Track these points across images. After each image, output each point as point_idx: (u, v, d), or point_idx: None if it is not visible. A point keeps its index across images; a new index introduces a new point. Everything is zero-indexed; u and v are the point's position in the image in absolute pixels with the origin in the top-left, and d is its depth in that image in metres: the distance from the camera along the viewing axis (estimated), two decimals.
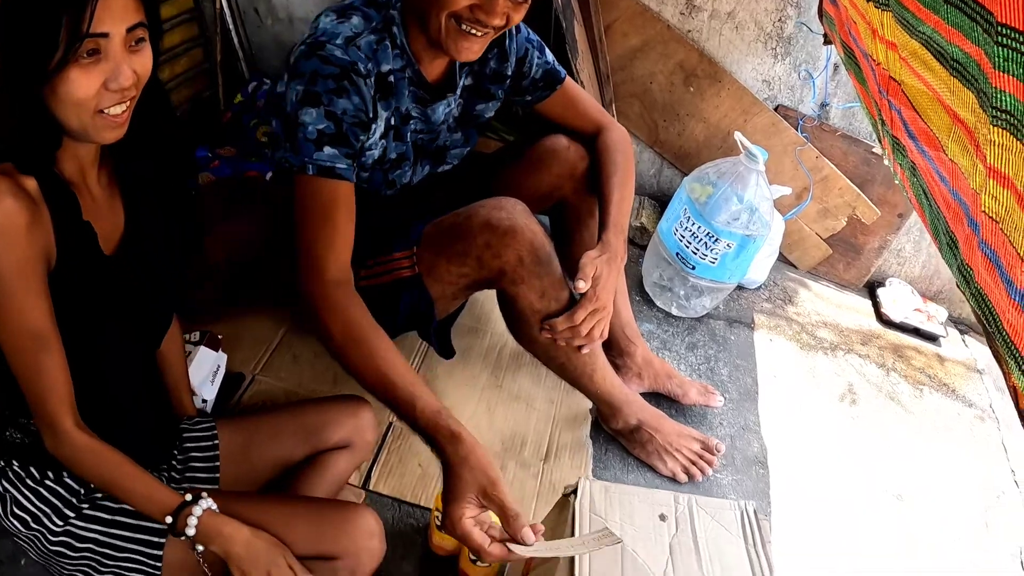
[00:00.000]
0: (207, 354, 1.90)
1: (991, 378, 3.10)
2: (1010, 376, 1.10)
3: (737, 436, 2.35)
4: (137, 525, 1.30)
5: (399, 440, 1.99)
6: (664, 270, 2.71)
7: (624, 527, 1.32)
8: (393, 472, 1.92)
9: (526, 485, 1.98)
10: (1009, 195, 0.81)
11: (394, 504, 1.87)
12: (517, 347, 2.24)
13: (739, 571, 1.31)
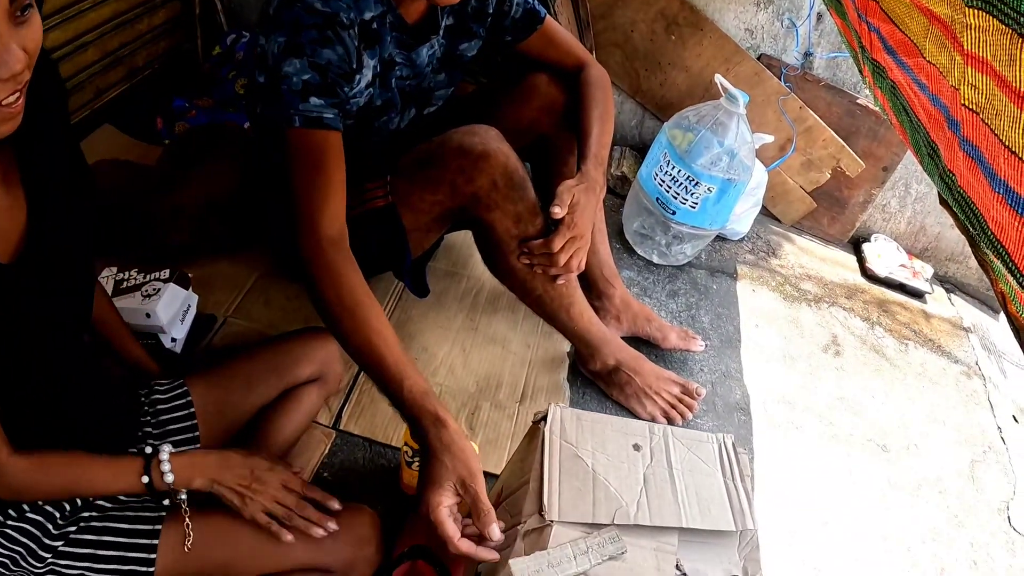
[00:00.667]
0: (176, 292, 1.85)
1: (977, 336, 3.09)
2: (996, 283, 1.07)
3: (718, 383, 2.31)
4: (126, 543, 1.24)
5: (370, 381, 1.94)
6: (645, 219, 2.66)
7: (596, 455, 1.27)
8: (364, 412, 1.89)
9: (500, 426, 1.94)
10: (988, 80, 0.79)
11: (365, 444, 1.84)
12: (494, 291, 2.22)
13: (716, 503, 1.27)
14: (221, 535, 1.28)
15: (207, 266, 2.12)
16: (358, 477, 1.77)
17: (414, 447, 1.54)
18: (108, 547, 1.22)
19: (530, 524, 1.19)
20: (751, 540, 1.28)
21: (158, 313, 1.76)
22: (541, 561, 1.11)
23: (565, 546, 1.14)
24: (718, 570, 1.24)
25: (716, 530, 1.24)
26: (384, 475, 1.79)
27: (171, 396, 1.48)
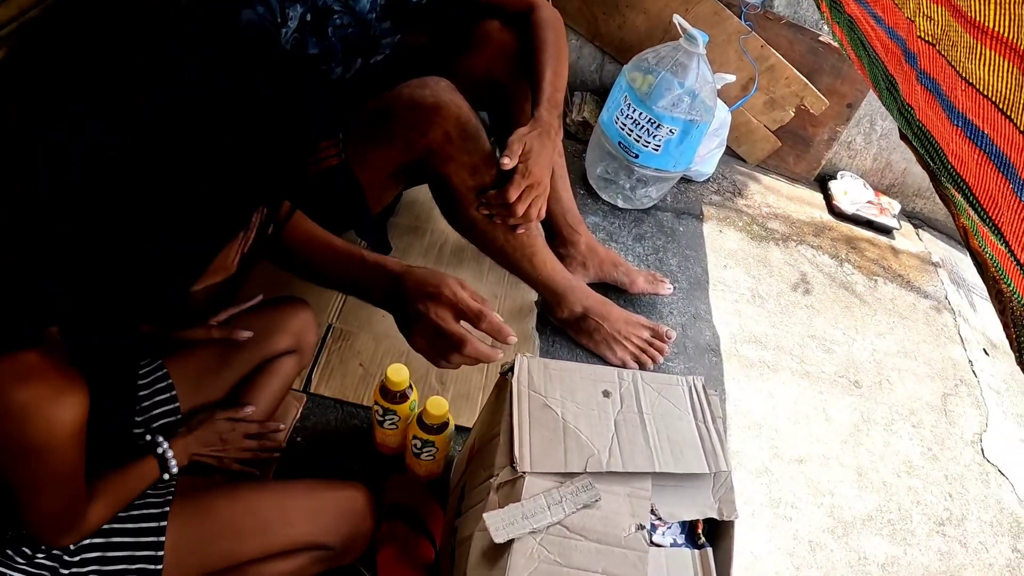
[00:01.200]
0: None
1: (946, 271, 3.11)
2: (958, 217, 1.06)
3: (688, 325, 2.31)
4: (133, 543, 1.22)
5: (339, 341, 1.93)
6: (608, 163, 2.64)
7: (565, 403, 1.27)
8: (334, 374, 1.87)
9: (471, 379, 1.93)
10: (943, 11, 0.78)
11: (336, 405, 1.82)
12: (458, 244, 2.20)
13: (689, 446, 1.27)
14: (221, 524, 1.27)
15: None
16: (332, 440, 1.75)
17: (384, 405, 1.53)
18: (117, 547, 1.20)
19: (502, 477, 1.18)
20: (725, 481, 1.28)
21: None
22: (515, 513, 1.10)
23: (539, 497, 1.13)
24: (693, 512, 1.24)
25: (689, 473, 1.24)
26: (358, 436, 1.78)
27: (152, 380, 1.44)
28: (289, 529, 1.29)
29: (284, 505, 1.32)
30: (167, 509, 1.24)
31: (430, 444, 1.52)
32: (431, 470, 1.64)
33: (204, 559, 1.26)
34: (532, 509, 1.11)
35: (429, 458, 1.57)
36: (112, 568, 1.19)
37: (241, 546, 1.27)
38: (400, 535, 1.59)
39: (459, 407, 1.83)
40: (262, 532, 1.28)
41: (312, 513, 1.32)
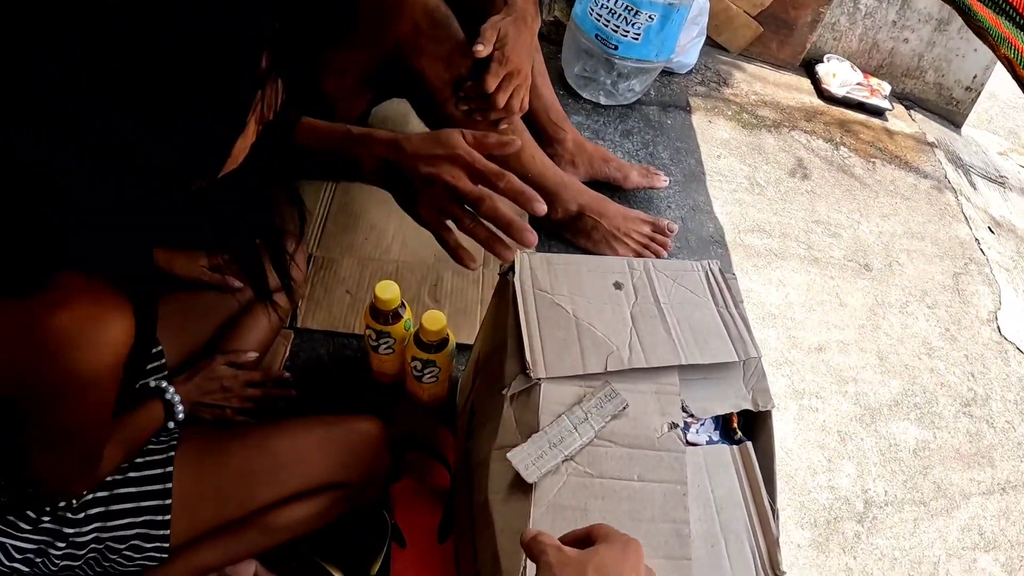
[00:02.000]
0: None
1: (942, 151, 3.05)
2: (999, 48, 0.96)
3: (688, 217, 2.20)
4: (143, 507, 1.14)
5: (323, 271, 1.81)
6: (585, 61, 2.49)
7: (575, 300, 1.15)
8: (320, 305, 1.75)
9: (467, 293, 1.82)
10: None
11: (327, 338, 1.71)
12: None
13: (714, 334, 1.16)
14: (233, 469, 1.21)
15: None
16: (326, 374, 1.65)
17: (377, 328, 1.41)
18: (121, 500, 1.13)
19: (515, 387, 1.06)
20: (756, 369, 1.17)
21: None
22: (541, 444, 0.99)
23: (562, 419, 1.02)
24: (726, 405, 1.14)
25: (718, 363, 1.13)
26: (353, 366, 1.68)
27: None
28: (304, 468, 1.23)
29: (296, 444, 1.24)
30: (171, 455, 1.17)
31: (431, 364, 1.40)
32: (435, 393, 1.53)
33: (217, 508, 1.20)
34: (558, 434, 1.00)
35: (432, 380, 1.45)
36: (117, 523, 1.12)
37: (256, 490, 1.21)
38: (412, 464, 1.49)
39: (457, 324, 1.71)
40: (276, 474, 1.21)
41: (327, 450, 1.25)
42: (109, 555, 1.14)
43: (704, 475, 1.09)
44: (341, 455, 1.26)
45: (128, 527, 1.12)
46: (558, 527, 0.95)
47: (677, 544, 0.97)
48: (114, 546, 1.13)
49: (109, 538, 1.12)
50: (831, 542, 1.72)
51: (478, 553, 1.14)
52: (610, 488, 0.99)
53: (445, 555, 1.42)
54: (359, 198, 2.01)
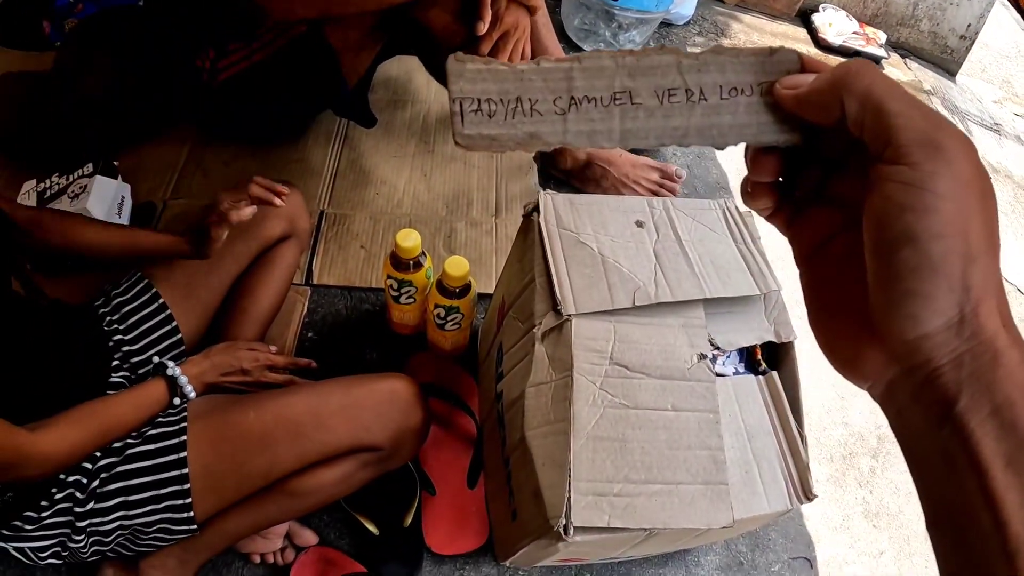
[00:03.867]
0: (105, 183, 1.68)
1: (939, 99, 3.06)
2: None
3: (694, 164, 2.21)
4: (162, 494, 1.13)
5: (335, 227, 1.81)
6: (584, 14, 2.49)
7: (599, 238, 1.15)
8: (335, 261, 1.76)
9: (481, 244, 1.82)
10: None
11: (344, 293, 1.71)
12: (442, 109, 2.09)
13: (734, 268, 1.17)
14: (252, 438, 1.18)
15: (132, 154, 1.92)
16: (344, 329, 1.65)
17: (398, 277, 1.41)
18: (139, 490, 1.12)
19: (546, 324, 1.07)
20: (777, 302, 1.19)
21: (90, 210, 1.60)
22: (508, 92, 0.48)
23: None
24: (751, 337, 1.15)
25: (740, 296, 1.14)
26: (371, 320, 1.68)
27: (133, 294, 1.34)
28: (326, 433, 1.20)
29: (317, 408, 1.21)
30: (184, 438, 1.15)
31: (455, 310, 1.41)
32: (457, 341, 1.54)
33: (240, 479, 1.18)
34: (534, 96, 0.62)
35: (455, 327, 1.46)
36: (139, 511, 1.12)
37: (276, 458, 1.18)
38: (437, 413, 1.51)
39: (474, 274, 1.70)
40: (296, 440, 1.19)
41: (349, 413, 1.22)
42: (140, 539, 1.15)
43: (734, 404, 1.11)
44: (365, 418, 1.23)
45: (151, 513, 1.12)
46: (598, 458, 0.97)
47: (715, 470, 0.99)
48: (143, 530, 1.13)
49: (134, 525, 1.12)
50: (847, 477, 1.75)
51: (515, 492, 1.16)
52: (646, 418, 1.00)
53: (476, 499, 1.44)
54: (368, 153, 2.01)
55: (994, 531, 0.37)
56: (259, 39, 1.64)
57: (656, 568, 1.46)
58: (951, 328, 0.38)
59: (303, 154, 1.98)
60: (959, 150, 0.38)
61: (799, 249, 0.50)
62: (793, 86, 0.45)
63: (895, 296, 0.39)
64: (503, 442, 1.22)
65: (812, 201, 0.49)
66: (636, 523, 0.94)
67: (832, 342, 0.47)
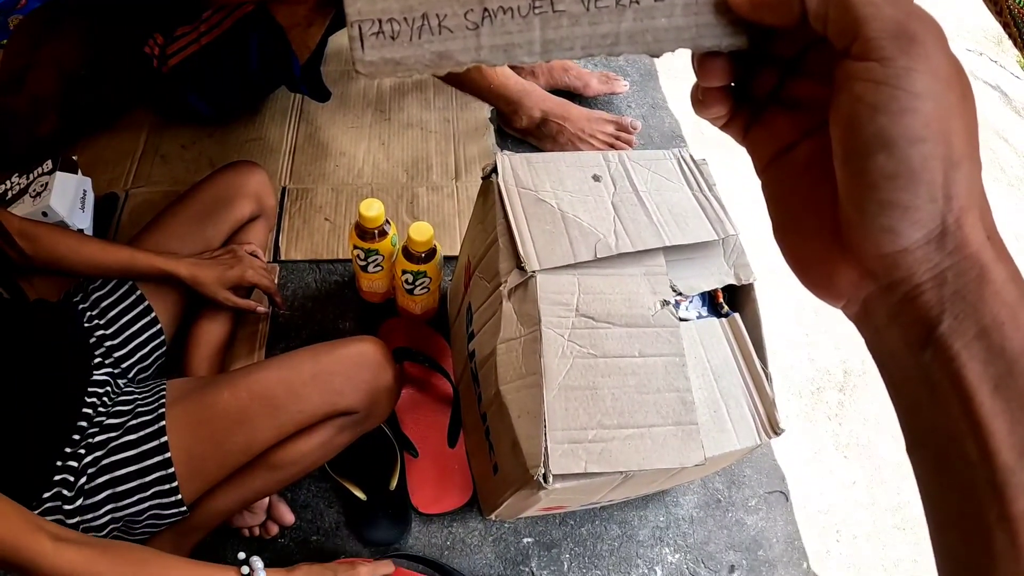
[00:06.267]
0: (66, 179, 1.67)
1: None
2: None
3: (648, 115, 2.22)
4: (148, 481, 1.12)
5: (298, 201, 1.82)
6: None
7: (558, 194, 1.18)
8: (300, 235, 1.77)
9: (443, 207, 1.84)
10: None
11: (312, 267, 1.73)
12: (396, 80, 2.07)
13: (692, 216, 1.20)
14: (228, 416, 1.18)
15: (89, 146, 1.92)
16: (316, 301, 1.67)
17: (365, 247, 1.43)
18: (125, 480, 1.12)
19: (511, 281, 1.10)
20: (735, 246, 1.22)
21: (54, 207, 1.59)
22: None
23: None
24: (712, 281, 1.18)
25: (699, 243, 1.17)
26: (341, 291, 1.70)
27: (111, 287, 1.35)
28: (301, 403, 1.20)
29: (289, 379, 1.22)
30: (163, 424, 1.15)
31: (422, 275, 1.43)
32: (427, 305, 1.56)
33: (222, 457, 1.19)
34: None
35: (423, 291, 1.48)
36: (127, 501, 1.12)
37: (255, 433, 1.18)
38: (413, 377, 1.53)
39: (439, 237, 1.73)
40: (272, 415, 1.19)
41: (320, 380, 1.22)
42: (134, 528, 1.17)
43: (699, 347, 1.14)
44: (337, 383, 1.23)
45: (139, 502, 1.13)
46: (571, 407, 1.00)
47: (684, 411, 1.02)
48: (135, 519, 1.14)
49: (125, 516, 1.13)
50: (816, 411, 1.80)
51: (494, 446, 1.19)
52: (615, 366, 1.03)
53: (458, 457, 1.47)
54: (325, 126, 2.02)
55: (980, 460, 0.35)
56: (206, 21, 1.64)
57: (638, 511, 1.50)
58: (932, 242, 0.36)
59: (260, 132, 1.98)
60: (935, 42, 0.35)
61: (758, 159, 0.47)
62: None
63: (869, 207, 0.36)
64: (479, 399, 1.25)
65: (769, 105, 0.46)
66: (612, 467, 0.98)
67: (800, 258, 0.44)
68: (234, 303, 1.44)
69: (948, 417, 0.36)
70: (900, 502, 1.68)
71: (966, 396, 0.35)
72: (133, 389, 1.24)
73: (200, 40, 1.64)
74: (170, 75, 1.70)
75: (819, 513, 1.64)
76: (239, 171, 1.53)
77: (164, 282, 1.37)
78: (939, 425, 0.37)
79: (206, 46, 1.65)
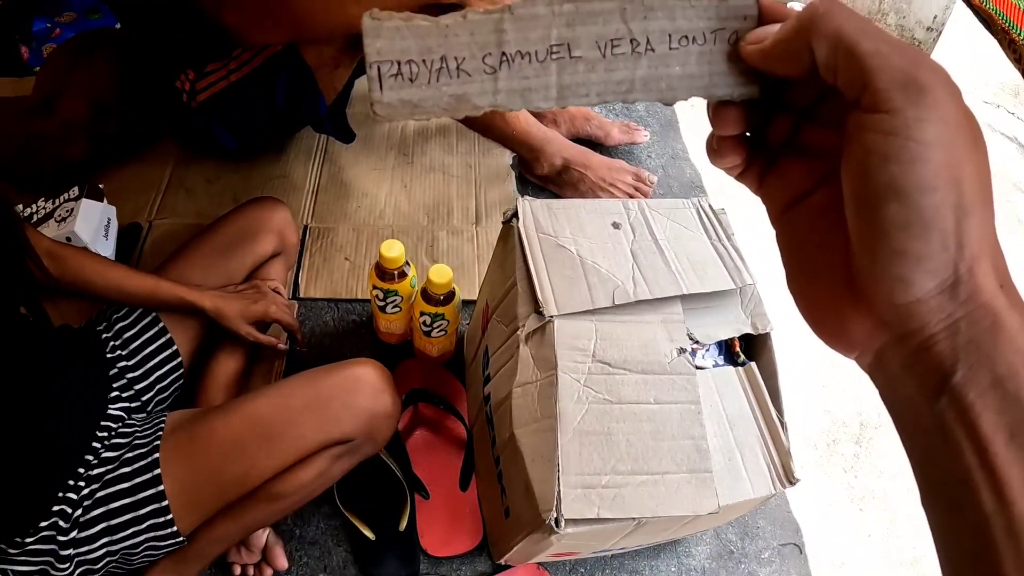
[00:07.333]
0: (91, 206, 1.70)
1: None
2: None
3: (668, 165, 2.24)
4: (142, 514, 1.13)
5: (319, 240, 1.84)
6: None
7: (578, 240, 1.19)
8: (320, 273, 1.78)
9: (463, 252, 1.85)
10: None
11: (330, 305, 1.74)
12: (420, 123, 2.09)
13: (710, 265, 1.21)
14: (224, 446, 1.16)
15: (115, 175, 1.94)
16: (333, 339, 1.68)
17: (384, 287, 1.44)
18: (119, 513, 1.12)
19: (529, 325, 1.11)
20: (753, 295, 1.22)
21: (78, 233, 1.61)
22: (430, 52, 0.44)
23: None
24: (728, 330, 1.18)
25: (717, 291, 1.17)
26: (359, 330, 1.71)
27: (134, 318, 1.36)
28: (296, 432, 1.18)
29: (283, 407, 1.20)
30: (156, 456, 1.14)
31: (440, 317, 1.44)
32: (444, 347, 1.57)
33: (219, 488, 1.17)
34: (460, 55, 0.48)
35: (441, 334, 1.49)
36: (123, 534, 1.12)
37: (251, 464, 1.17)
38: (427, 418, 1.54)
39: (457, 281, 1.73)
40: (268, 446, 1.17)
41: (316, 407, 1.20)
42: (131, 560, 1.16)
43: (715, 395, 1.14)
44: (333, 410, 1.20)
45: (135, 535, 1.12)
46: (585, 452, 1.00)
47: (698, 458, 1.02)
48: (131, 551, 1.14)
49: (121, 548, 1.12)
50: (832, 463, 1.79)
51: (506, 489, 1.19)
52: (630, 412, 1.04)
53: (469, 501, 1.47)
54: (348, 167, 2.04)
55: (997, 510, 0.34)
56: (236, 59, 1.66)
57: (649, 560, 1.49)
58: (945, 291, 0.36)
59: (285, 170, 2.00)
60: (943, 90, 0.35)
61: (772, 207, 0.47)
62: (757, 40, 0.42)
63: (882, 257, 0.36)
64: (493, 442, 1.25)
65: (784, 153, 0.46)
66: (625, 513, 0.98)
67: (813, 308, 0.44)
68: (255, 338, 1.44)
69: (963, 466, 0.35)
70: (916, 556, 1.66)
71: (981, 445, 0.34)
72: (134, 421, 1.24)
73: (230, 77, 1.67)
74: (199, 110, 1.72)
75: (833, 566, 1.62)
76: (264, 207, 1.54)
77: (186, 313, 1.38)
78: (954, 474, 0.36)
79: (235, 83, 1.67)
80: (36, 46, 2.39)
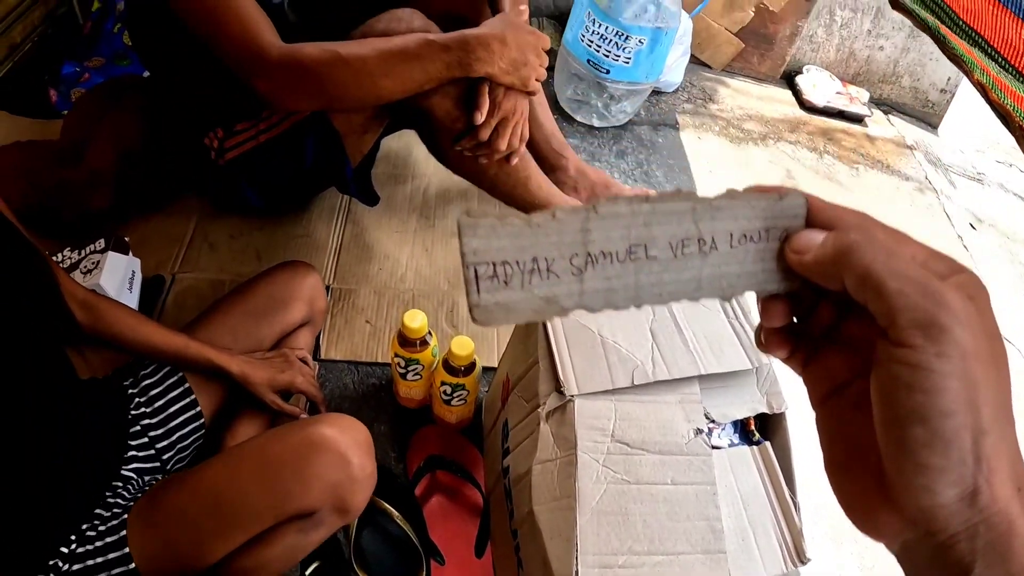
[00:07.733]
0: (117, 259, 1.73)
1: (922, 153, 3.12)
2: (972, 75, 1.03)
3: None
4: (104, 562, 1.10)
5: (340, 302, 1.87)
6: (577, 85, 2.58)
7: (599, 319, 1.22)
8: (342, 335, 1.81)
9: None
10: None
11: (351, 368, 1.77)
12: (442, 184, 2.15)
13: (728, 344, 1.23)
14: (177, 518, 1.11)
15: (140, 226, 1.99)
16: (352, 403, 1.70)
17: (406, 355, 1.47)
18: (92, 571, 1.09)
19: (550, 404, 1.13)
20: (768, 375, 1.24)
21: (103, 286, 1.64)
22: (524, 256, 0.44)
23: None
24: (744, 410, 1.20)
25: (733, 371, 1.20)
26: (379, 393, 1.73)
27: (161, 376, 1.36)
28: (246, 506, 1.10)
29: (231, 476, 1.13)
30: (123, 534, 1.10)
31: (460, 388, 1.47)
32: (463, 416, 1.60)
33: (179, 565, 1.11)
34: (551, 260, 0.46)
35: (460, 403, 1.52)
36: None
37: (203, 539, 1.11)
38: (444, 484, 1.55)
39: (477, 348, 1.76)
40: (217, 518, 1.11)
41: (264, 477, 1.12)
42: None
43: (730, 475, 1.16)
44: (284, 480, 1.11)
45: None
46: (603, 532, 1.02)
47: (712, 539, 1.04)
48: None
49: None
50: (843, 536, 1.79)
51: (524, 563, 1.20)
52: (647, 492, 1.06)
53: (484, 569, 1.48)
54: (371, 229, 2.08)
55: None
56: (265, 120, 1.70)
57: None
58: (965, 498, 0.38)
59: (308, 229, 2.04)
60: (964, 323, 0.38)
61: (814, 393, 0.50)
62: (800, 251, 0.45)
63: (907, 469, 0.39)
64: (511, 514, 1.27)
65: (825, 343, 0.49)
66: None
67: (848, 497, 0.46)
68: (279, 407, 1.46)
69: None
70: None
71: None
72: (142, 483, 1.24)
73: (259, 137, 1.70)
74: (226, 167, 1.76)
75: None
76: (296, 272, 1.56)
77: (212, 375, 1.39)
78: None
79: (264, 144, 1.70)
80: (64, 89, 2.44)
